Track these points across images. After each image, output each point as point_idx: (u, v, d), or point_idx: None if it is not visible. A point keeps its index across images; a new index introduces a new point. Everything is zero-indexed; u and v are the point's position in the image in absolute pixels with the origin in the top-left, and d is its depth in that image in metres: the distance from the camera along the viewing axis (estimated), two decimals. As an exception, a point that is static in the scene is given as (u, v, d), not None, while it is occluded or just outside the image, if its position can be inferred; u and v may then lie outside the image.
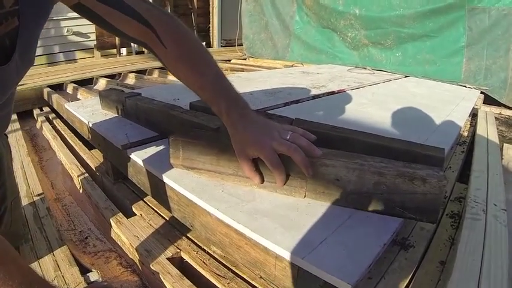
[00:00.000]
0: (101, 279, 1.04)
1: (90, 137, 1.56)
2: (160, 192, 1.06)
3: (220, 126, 1.06)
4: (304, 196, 0.87)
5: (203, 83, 0.90)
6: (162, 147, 1.18)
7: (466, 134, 1.88)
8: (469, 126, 2.00)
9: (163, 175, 1.00)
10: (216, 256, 1.03)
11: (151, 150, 1.17)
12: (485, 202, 1.01)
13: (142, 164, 1.11)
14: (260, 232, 0.75)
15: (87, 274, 1.04)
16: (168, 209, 1.06)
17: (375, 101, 1.90)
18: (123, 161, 1.25)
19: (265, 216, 0.81)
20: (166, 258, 1.03)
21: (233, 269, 0.97)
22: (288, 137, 0.85)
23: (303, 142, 0.85)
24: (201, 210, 0.89)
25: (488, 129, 1.73)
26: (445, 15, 2.76)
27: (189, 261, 1.03)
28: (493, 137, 1.64)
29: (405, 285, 0.81)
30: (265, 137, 0.84)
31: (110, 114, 1.55)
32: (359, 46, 3.28)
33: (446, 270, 0.87)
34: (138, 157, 1.13)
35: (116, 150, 1.27)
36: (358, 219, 0.80)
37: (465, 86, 2.66)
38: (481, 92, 2.60)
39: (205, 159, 0.95)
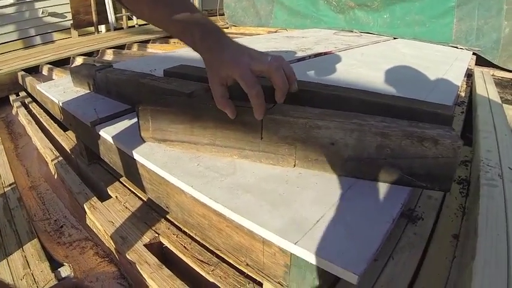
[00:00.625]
0: (72, 274, 0.91)
1: (62, 117, 1.41)
2: (132, 170, 0.91)
3: (194, 90, 0.90)
4: (294, 165, 0.72)
5: (172, 12, 0.74)
6: (133, 120, 1.02)
7: (463, 94, 1.74)
8: (465, 86, 1.85)
9: (133, 151, 0.85)
10: (199, 239, 0.88)
11: (122, 124, 1.02)
12: (499, 166, 0.86)
13: (112, 141, 0.96)
14: (242, 212, 0.60)
15: (59, 269, 0.91)
16: (142, 189, 0.91)
17: (364, 62, 1.74)
18: (93, 139, 1.10)
19: (248, 191, 0.66)
20: (144, 245, 0.89)
21: (218, 253, 0.83)
22: (270, 58, 0.70)
23: (286, 66, 0.71)
24: (175, 188, 0.74)
25: (487, 89, 1.58)
26: (434, -27, 2.59)
27: (168, 247, 0.89)
28: (494, 96, 1.49)
29: (417, 264, 0.67)
30: (243, 55, 0.69)
31: (82, 91, 1.39)
32: (345, 9, 3.08)
33: (461, 245, 0.74)
34: (107, 133, 0.97)
35: (86, 128, 1.12)
36: (360, 191, 0.66)
37: (456, 47, 2.49)
38: (473, 53, 2.44)
39: (177, 129, 0.80)
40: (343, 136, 0.66)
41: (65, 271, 0.91)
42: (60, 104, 1.30)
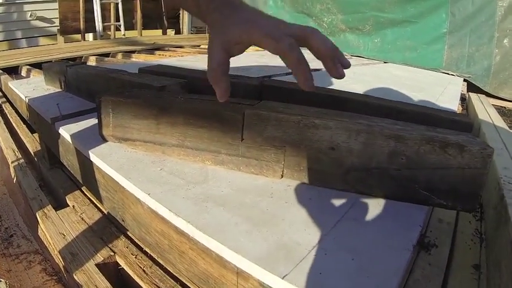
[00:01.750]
0: (6, 292, 0.74)
1: (28, 115, 1.24)
2: (88, 175, 0.74)
3: (167, 85, 0.74)
4: (281, 175, 0.56)
5: None
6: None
7: (458, 117, 1.61)
8: (461, 109, 1.73)
9: (88, 151, 0.68)
10: (162, 262, 0.70)
11: (85, 123, 0.85)
12: (521, 183, 0.71)
13: (70, 140, 0.79)
14: (211, 230, 0.43)
15: (-6, 285, 0.74)
16: (99, 197, 0.73)
17: (358, 80, 1.61)
18: (53, 138, 0.93)
19: (220, 205, 0.49)
20: (96, 265, 0.71)
21: (183, 280, 0.65)
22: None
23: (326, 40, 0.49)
24: (130, 196, 0.57)
25: (488, 111, 1.46)
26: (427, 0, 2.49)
27: (125, 268, 0.71)
28: (496, 117, 1.37)
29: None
30: (260, 16, 0.50)
31: (52, 89, 1.23)
32: (335, 32, 2.96)
33: (486, 277, 0.58)
34: (66, 131, 0.81)
35: (47, 126, 0.95)
36: (365, 209, 0.49)
37: (447, 73, 2.39)
38: (464, 80, 2.34)
39: (141, 125, 0.63)
40: (347, 139, 0.50)
41: (0, 288, 0.73)
42: (27, 101, 1.14)
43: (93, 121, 0.86)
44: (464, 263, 0.61)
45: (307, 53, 0.48)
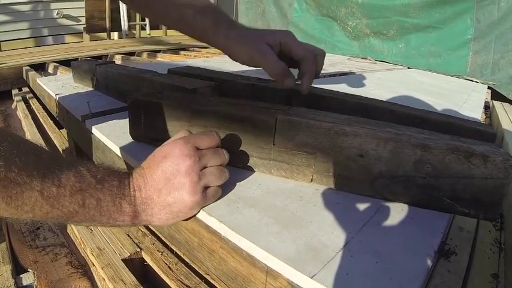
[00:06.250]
0: (35, 283, 0.76)
1: (56, 111, 1.28)
2: (118, 172, 0.77)
3: (199, 87, 0.76)
4: (311, 180, 0.58)
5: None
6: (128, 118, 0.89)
7: (482, 125, 1.60)
8: (484, 117, 1.72)
9: (119, 148, 0.72)
10: (187, 259, 0.73)
11: (115, 122, 0.89)
12: (545, 196, 0.72)
13: (100, 137, 0.83)
14: (242, 230, 0.46)
15: (21, 276, 0.76)
16: (127, 195, 0.76)
17: (382, 85, 1.62)
18: (83, 135, 0.96)
19: (252, 206, 0.51)
20: (122, 260, 0.74)
21: (207, 278, 0.68)
22: None
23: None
24: (162, 195, 0.59)
25: (511, 119, 1.45)
26: (452, 5, 2.47)
27: (150, 265, 0.74)
28: (520, 126, 1.36)
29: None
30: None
31: (81, 87, 1.27)
32: (360, 36, 2.96)
33: (503, 286, 0.59)
34: (96, 129, 0.85)
35: (76, 123, 0.99)
36: (390, 215, 0.51)
37: (471, 80, 2.37)
38: (488, 87, 2.32)
39: (172, 127, 0.66)
40: (376, 147, 0.52)
41: (28, 279, 0.76)
42: (56, 98, 1.18)
43: (123, 120, 0.89)
44: (483, 271, 0.63)
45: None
